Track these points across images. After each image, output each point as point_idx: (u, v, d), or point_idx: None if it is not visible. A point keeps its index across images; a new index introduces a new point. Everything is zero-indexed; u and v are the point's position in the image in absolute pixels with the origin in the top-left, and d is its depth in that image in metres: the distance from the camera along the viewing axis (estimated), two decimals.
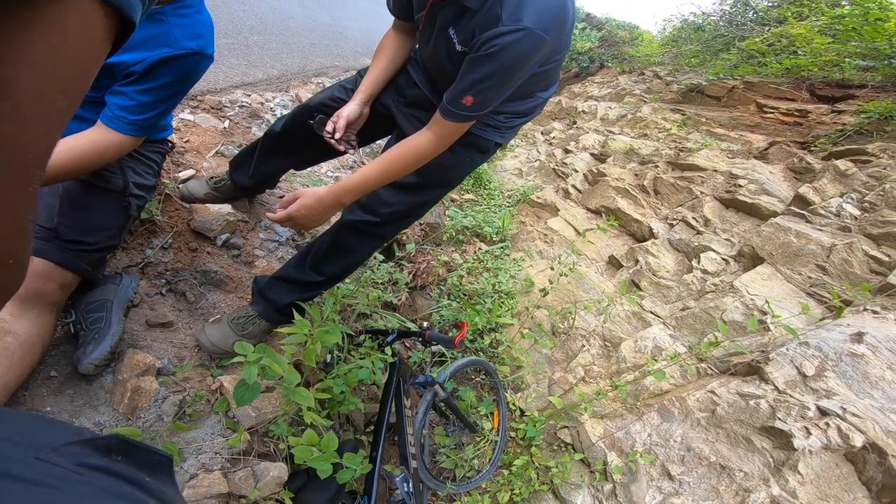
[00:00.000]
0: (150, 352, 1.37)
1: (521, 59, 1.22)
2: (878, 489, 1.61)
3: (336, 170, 2.99)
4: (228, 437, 1.29)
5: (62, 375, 1.24)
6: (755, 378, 1.97)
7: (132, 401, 1.24)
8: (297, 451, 1.21)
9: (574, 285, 3.00)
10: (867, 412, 1.70)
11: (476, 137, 1.54)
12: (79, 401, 1.21)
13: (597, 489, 2.02)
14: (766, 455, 1.78)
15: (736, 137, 3.95)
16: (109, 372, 1.29)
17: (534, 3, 1.17)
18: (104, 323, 1.24)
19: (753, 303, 2.27)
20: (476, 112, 1.31)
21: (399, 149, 1.40)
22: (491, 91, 1.27)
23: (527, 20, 1.16)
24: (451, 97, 1.29)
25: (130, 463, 0.38)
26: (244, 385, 1.06)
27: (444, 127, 1.34)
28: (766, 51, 4.93)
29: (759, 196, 2.94)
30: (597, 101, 6.49)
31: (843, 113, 3.56)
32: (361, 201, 1.58)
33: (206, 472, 1.20)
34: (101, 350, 1.20)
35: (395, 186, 1.53)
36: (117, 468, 0.36)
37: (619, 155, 4.31)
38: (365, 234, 1.60)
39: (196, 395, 1.34)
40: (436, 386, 1.87)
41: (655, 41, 8.91)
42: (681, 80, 5.70)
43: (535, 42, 1.19)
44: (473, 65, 1.24)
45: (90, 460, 0.34)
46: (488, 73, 1.23)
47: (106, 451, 0.37)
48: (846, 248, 2.28)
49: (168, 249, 1.68)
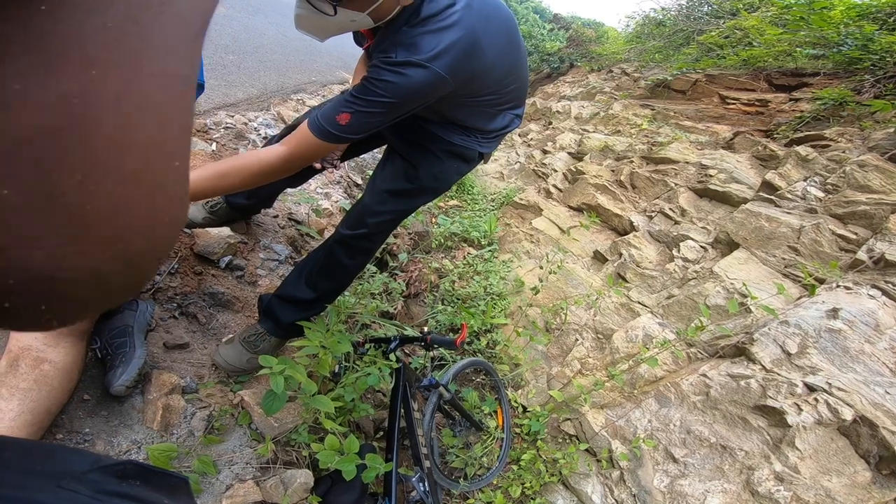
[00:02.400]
0: (172, 372, 1.42)
1: (410, 94, 1.20)
2: (877, 461, 1.67)
3: (324, 186, 3.04)
4: (256, 448, 1.35)
5: (94, 398, 1.28)
6: (743, 359, 2.06)
7: (164, 418, 1.30)
8: (321, 455, 1.26)
9: (563, 282, 3.10)
10: (852, 386, 1.78)
11: (460, 148, 1.58)
12: (113, 421, 1.26)
13: (605, 476, 2.09)
14: (764, 433, 1.85)
15: (703, 129, 4.10)
16: (138, 392, 1.33)
17: (438, 39, 1.18)
18: (128, 347, 1.29)
19: (733, 286, 2.38)
20: (345, 134, 1.23)
21: (240, 159, 1.28)
22: (371, 117, 1.23)
23: (429, 54, 1.16)
24: (326, 112, 1.22)
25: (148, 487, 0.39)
26: (272, 395, 1.12)
27: (305, 142, 1.24)
28: (724, 43, 5.06)
29: (730, 184, 3.08)
30: (570, 100, 6.62)
31: (799, 101, 3.72)
32: (350, 217, 1.63)
33: (239, 482, 1.25)
34: (130, 372, 1.25)
35: (388, 193, 1.58)
36: (136, 492, 0.36)
37: (595, 152, 4.44)
38: (355, 248, 1.64)
39: (221, 409, 1.39)
40: (440, 388, 1.94)
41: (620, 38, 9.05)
42: (647, 76, 5.84)
43: (429, 78, 1.18)
44: (366, 85, 1.20)
45: (109, 486, 0.35)
46: (376, 99, 1.20)
47: (123, 477, 0.37)
48: (814, 229, 2.41)
49: (175, 275, 1.72)
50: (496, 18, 1.30)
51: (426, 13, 1.20)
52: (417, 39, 1.18)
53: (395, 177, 1.61)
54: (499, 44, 1.32)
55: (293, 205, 2.58)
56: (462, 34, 1.20)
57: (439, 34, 1.18)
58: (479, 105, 1.46)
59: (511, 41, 1.39)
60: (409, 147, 1.56)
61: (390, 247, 3.05)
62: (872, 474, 1.66)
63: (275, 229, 2.32)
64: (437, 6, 1.21)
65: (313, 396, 1.29)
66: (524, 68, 1.54)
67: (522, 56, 1.50)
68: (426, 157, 1.58)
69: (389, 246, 3.05)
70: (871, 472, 1.66)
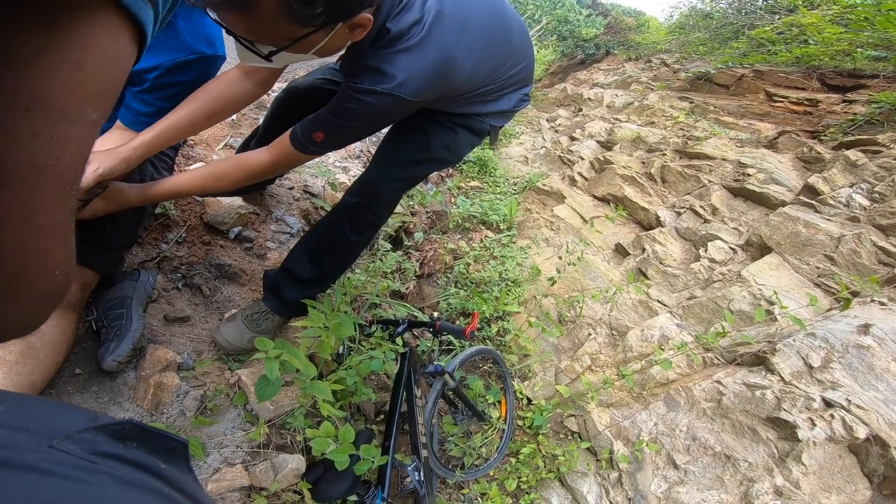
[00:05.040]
0: (169, 347, 1.39)
1: (378, 117, 1.25)
2: (880, 481, 1.64)
3: (343, 159, 2.98)
4: (248, 431, 1.32)
5: (86, 373, 1.26)
6: (761, 368, 1.99)
7: (155, 396, 1.27)
8: (315, 443, 1.23)
9: (581, 273, 3.02)
10: (871, 404, 1.71)
11: (470, 120, 1.56)
12: (104, 397, 1.24)
13: (603, 477, 2.05)
14: (771, 445, 1.80)
15: (744, 126, 3.92)
16: (132, 368, 1.31)
17: (407, 63, 1.16)
18: (125, 319, 1.26)
19: (761, 293, 2.28)
20: (322, 149, 1.31)
21: (229, 163, 1.38)
22: (344, 135, 1.30)
23: (393, 82, 1.15)
24: (304, 128, 1.28)
25: (146, 449, 0.37)
26: (265, 381, 1.09)
27: (286, 153, 1.31)
28: (776, 39, 4.88)
29: (768, 185, 2.93)
30: (603, 88, 6.43)
31: (853, 103, 3.52)
32: (356, 185, 1.60)
33: (228, 465, 1.23)
34: (123, 347, 1.22)
35: (398, 163, 1.56)
36: (132, 455, 0.35)
37: (625, 143, 4.29)
38: (360, 221, 1.60)
39: (216, 389, 1.37)
40: (445, 375, 1.90)
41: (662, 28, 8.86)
42: (688, 67, 5.64)
43: (396, 103, 1.19)
44: (337, 107, 1.23)
45: (105, 448, 0.34)
46: (346, 123, 1.24)
47: (121, 438, 0.36)
48: (855, 239, 2.28)
49: (182, 244, 1.69)
50: (475, 19, 1.26)
51: (394, 32, 1.15)
52: (383, 65, 1.16)
53: (405, 146, 1.58)
54: (479, 48, 1.29)
55: (310, 177, 2.53)
56: (430, 57, 1.17)
57: (405, 56, 1.15)
58: (471, 99, 1.46)
59: (499, 33, 1.37)
60: (421, 118, 1.51)
61: (407, 225, 3.00)
62: (872, 494, 1.63)
63: (289, 201, 2.28)
64: (404, 24, 1.15)
65: (311, 381, 1.25)
66: (524, 48, 1.50)
67: (518, 40, 1.46)
68: (438, 128, 1.55)
69: (406, 224, 2.99)
70: (871, 492, 1.63)
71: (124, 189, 1.20)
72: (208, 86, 1.30)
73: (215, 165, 1.38)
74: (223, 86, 1.31)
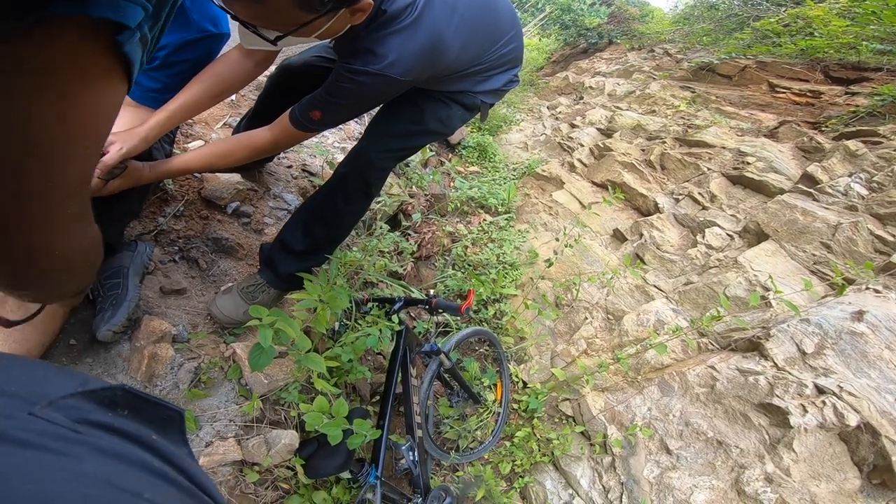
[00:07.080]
0: (164, 319, 1.38)
1: (371, 96, 1.32)
2: (870, 470, 1.64)
3: (342, 140, 2.96)
4: (242, 405, 1.32)
5: (81, 343, 1.25)
6: (755, 354, 2.00)
7: (149, 368, 1.26)
8: (308, 417, 1.23)
9: (578, 257, 3.02)
10: (863, 391, 1.72)
11: (463, 95, 1.59)
12: (97, 369, 1.23)
13: (596, 461, 2.07)
14: (763, 432, 1.81)
15: (746, 116, 3.91)
16: (126, 339, 1.30)
17: (398, 44, 1.20)
18: (121, 289, 1.25)
19: (756, 279, 2.28)
20: (320, 127, 1.38)
21: (234, 142, 1.44)
22: (340, 113, 1.37)
23: (384, 62, 1.20)
24: (302, 107, 1.33)
25: (138, 419, 0.34)
26: (259, 349, 1.08)
27: (287, 131, 1.37)
28: (781, 31, 4.85)
29: (767, 173, 2.92)
30: (604, 76, 6.39)
31: (856, 95, 3.51)
32: (349, 155, 1.63)
33: (220, 439, 1.22)
34: (119, 317, 1.21)
35: (391, 135, 1.60)
36: (121, 425, 0.32)
37: (625, 130, 4.27)
38: (352, 191, 1.61)
39: (210, 362, 1.36)
40: (441, 355, 1.89)
41: (666, 18, 8.80)
42: (691, 58, 5.62)
43: (388, 83, 1.25)
44: (332, 87, 1.28)
45: (91, 416, 0.31)
46: (341, 102, 1.30)
47: (111, 405, 0.33)
48: (851, 227, 2.28)
49: (180, 217, 1.68)
50: (464, 1, 1.31)
51: (388, 14, 1.20)
52: (375, 46, 1.21)
53: (399, 118, 1.61)
54: (468, 29, 1.34)
55: (308, 156, 2.51)
56: (420, 38, 1.22)
57: (396, 38, 1.21)
58: (462, 77, 1.51)
59: (488, 14, 1.42)
60: (414, 91, 1.53)
61: (405, 206, 2.98)
62: (862, 482, 1.64)
63: (287, 179, 2.26)
64: (398, 6, 1.20)
65: (306, 354, 1.24)
66: (512, 30, 1.55)
67: (506, 22, 1.52)
68: (432, 102, 1.58)
69: (404, 205, 2.97)
70: (860, 481, 1.64)
71: (139, 167, 1.25)
72: (212, 67, 1.35)
73: (221, 144, 1.44)
74: (226, 67, 1.37)
